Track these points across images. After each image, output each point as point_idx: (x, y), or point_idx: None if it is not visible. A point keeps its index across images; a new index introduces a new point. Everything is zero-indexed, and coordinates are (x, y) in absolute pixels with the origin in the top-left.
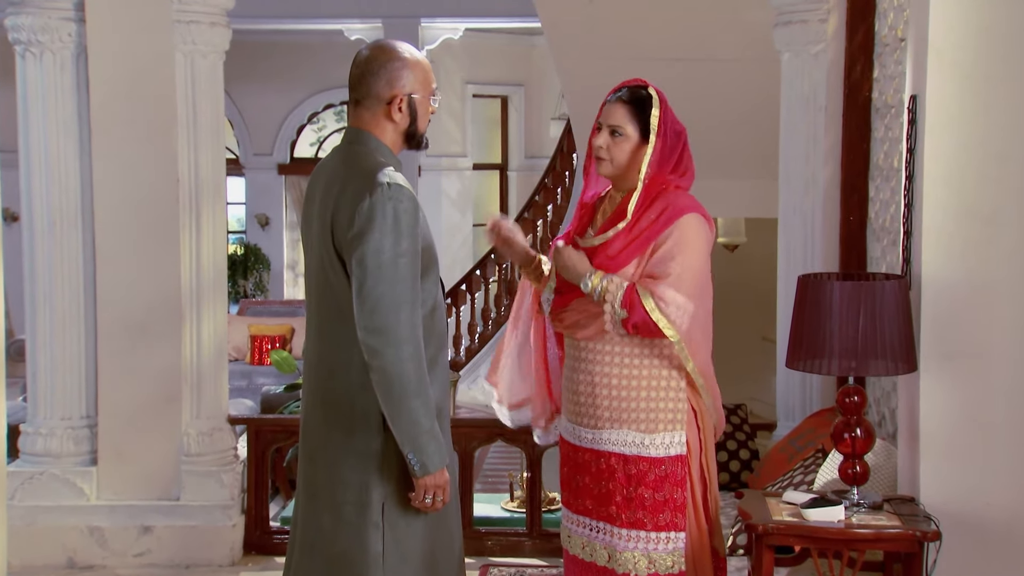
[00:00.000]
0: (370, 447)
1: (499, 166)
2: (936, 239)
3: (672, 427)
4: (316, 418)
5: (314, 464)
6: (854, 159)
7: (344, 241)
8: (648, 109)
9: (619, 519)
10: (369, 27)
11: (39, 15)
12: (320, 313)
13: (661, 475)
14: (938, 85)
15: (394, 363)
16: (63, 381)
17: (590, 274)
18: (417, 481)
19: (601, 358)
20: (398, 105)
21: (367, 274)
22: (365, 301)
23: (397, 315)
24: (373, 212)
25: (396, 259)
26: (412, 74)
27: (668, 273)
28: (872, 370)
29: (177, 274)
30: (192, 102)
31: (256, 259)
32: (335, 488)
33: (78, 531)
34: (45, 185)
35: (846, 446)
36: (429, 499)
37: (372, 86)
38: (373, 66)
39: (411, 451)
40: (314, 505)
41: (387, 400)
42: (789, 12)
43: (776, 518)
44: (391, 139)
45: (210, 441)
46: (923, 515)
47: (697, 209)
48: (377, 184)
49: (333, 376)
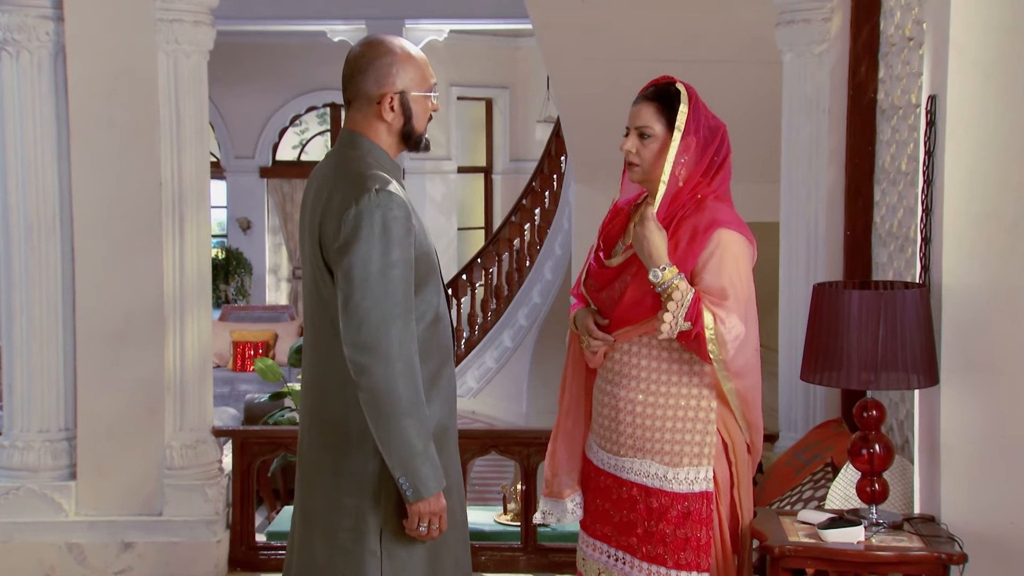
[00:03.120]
0: (366, 470)
1: (484, 169)
2: (956, 246)
3: (698, 461)
4: (311, 440)
5: (309, 488)
6: (859, 162)
7: (331, 252)
8: (677, 106)
9: (639, 551)
10: (352, 28)
11: (15, 13)
12: (314, 329)
13: (683, 512)
14: (959, 85)
15: (383, 381)
16: (40, 392)
17: (666, 266)
18: (410, 507)
19: (627, 382)
20: (389, 104)
21: (353, 287)
22: (351, 316)
23: (387, 330)
24: (359, 221)
25: (385, 270)
26: (404, 70)
27: (725, 294)
28: (892, 383)
29: (159, 281)
30: (175, 103)
31: (238, 263)
32: (331, 513)
33: (56, 548)
34: (22, 189)
35: (864, 462)
36: (424, 527)
37: (361, 85)
38: (362, 63)
39: (402, 475)
40: (310, 531)
41: (375, 420)
42: (791, 11)
43: (792, 539)
44: (386, 141)
45: (194, 454)
46: (946, 536)
47: (734, 223)
48: (364, 191)
49: (327, 395)
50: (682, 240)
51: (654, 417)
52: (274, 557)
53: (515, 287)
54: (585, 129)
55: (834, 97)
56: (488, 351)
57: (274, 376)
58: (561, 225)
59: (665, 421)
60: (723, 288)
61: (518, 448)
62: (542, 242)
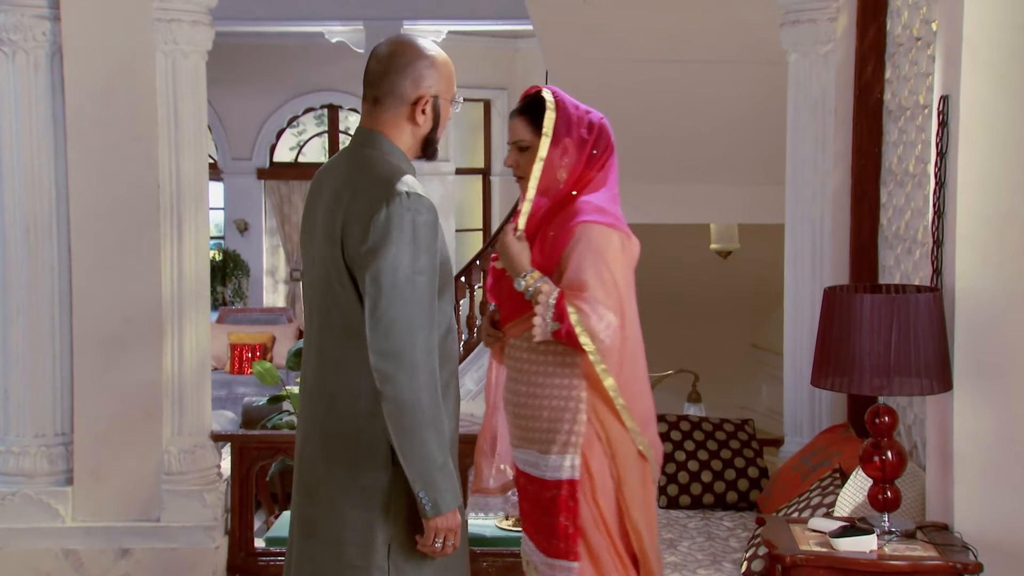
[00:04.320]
0: (377, 483)
1: (482, 171)
2: (970, 249)
3: (565, 449)
4: (315, 450)
5: (313, 501)
6: (865, 164)
7: (356, 255)
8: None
9: (534, 539)
10: (350, 29)
11: (11, 12)
12: (323, 333)
13: (551, 499)
14: (972, 85)
15: (408, 391)
16: (36, 396)
17: (527, 273)
18: (427, 523)
19: (515, 375)
20: (423, 107)
21: (381, 293)
22: (379, 322)
23: (412, 338)
24: (390, 224)
25: (413, 277)
26: (440, 75)
27: (584, 285)
28: (904, 389)
29: (158, 284)
30: (173, 104)
31: (235, 265)
32: (337, 527)
33: (52, 555)
34: (18, 191)
35: (875, 469)
36: (439, 543)
37: (397, 84)
38: (399, 62)
39: (422, 488)
40: (312, 545)
41: (399, 431)
42: (797, 11)
43: (804, 548)
44: (407, 144)
45: (192, 459)
46: (960, 544)
47: (599, 217)
48: (395, 193)
49: (336, 403)
50: (549, 238)
51: (531, 407)
52: (273, 563)
53: None
54: None
55: (840, 98)
56: (487, 354)
57: (272, 379)
58: None
59: (541, 411)
60: (584, 281)
61: None
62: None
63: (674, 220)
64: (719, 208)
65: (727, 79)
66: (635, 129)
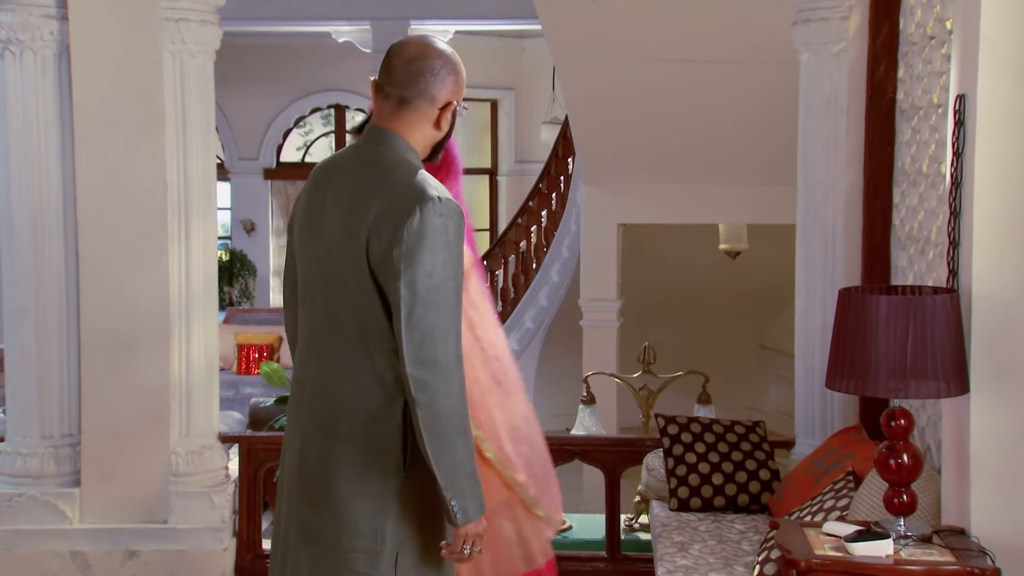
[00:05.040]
0: (387, 489)
1: (489, 171)
2: (986, 250)
3: None
4: (321, 454)
5: (316, 507)
6: (878, 163)
7: (385, 260)
8: None
9: None
10: (357, 29)
11: (19, 12)
12: (330, 333)
13: None
14: (990, 83)
15: (444, 397)
16: (44, 397)
17: None
18: (458, 530)
19: None
20: (450, 112)
21: (417, 299)
22: (415, 330)
23: (447, 345)
24: (424, 229)
25: (446, 282)
26: (462, 82)
27: None
28: (921, 392)
29: (165, 284)
30: (181, 104)
31: (242, 266)
32: (343, 534)
33: (60, 557)
34: (25, 192)
35: (891, 473)
36: (468, 549)
37: (431, 86)
38: (435, 65)
39: (454, 496)
40: (314, 551)
41: (434, 439)
42: (809, 10)
43: (819, 552)
44: (422, 146)
45: (200, 460)
46: (977, 549)
47: None
48: (428, 198)
49: (344, 407)
50: None
51: None
52: None
53: (521, 290)
54: (594, 131)
55: (852, 97)
56: None
57: (280, 380)
58: (568, 227)
59: None
60: None
61: None
62: (549, 244)
63: (683, 220)
64: (728, 208)
65: (736, 79)
66: (644, 129)
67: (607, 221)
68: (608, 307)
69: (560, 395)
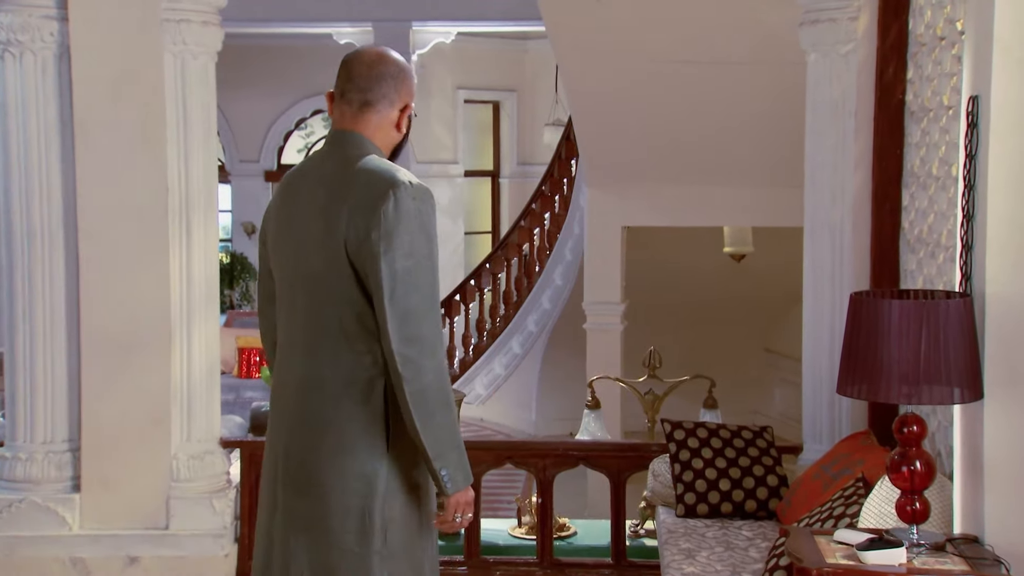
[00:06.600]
0: (373, 469)
1: (491, 173)
2: (1000, 253)
3: None
4: (305, 443)
5: (304, 494)
6: (887, 166)
7: (363, 246)
8: None
9: None
10: (359, 31)
11: (19, 13)
12: (311, 331)
13: None
14: (1003, 85)
15: (430, 372)
16: (44, 402)
17: None
18: (448, 499)
19: None
20: (408, 115)
21: (398, 279)
22: (397, 308)
23: (430, 321)
24: (400, 212)
25: (424, 261)
26: (413, 87)
27: None
28: (934, 398)
29: (166, 287)
30: (182, 106)
31: (243, 268)
32: (333, 516)
33: (60, 563)
34: (25, 194)
35: (904, 480)
36: (459, 517)
37: (391, 89)
38: (393, 69)
39: (443, 466)
40: (305, 538)
41: (421, 413)
42: (817, 10)
43: (830, 561)
44: (384, 147)
45: (201, 465)
46: (991, 557)
47: None
48: (400, 183)
49: (329, 394)
50: None
51: None
52: None
53: (524, 292)
54: (598, 132)
55: (861, 99)
56: (497, 357)
57: None
58: (572, 230)
59: None
60: None
61: (534, 460)
62: (552, 247)
63: (687, 223)
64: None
65: (742, 80)
66: (648, 131)
67: (611, 223)
68: (612, 310)
69: (564, 399)
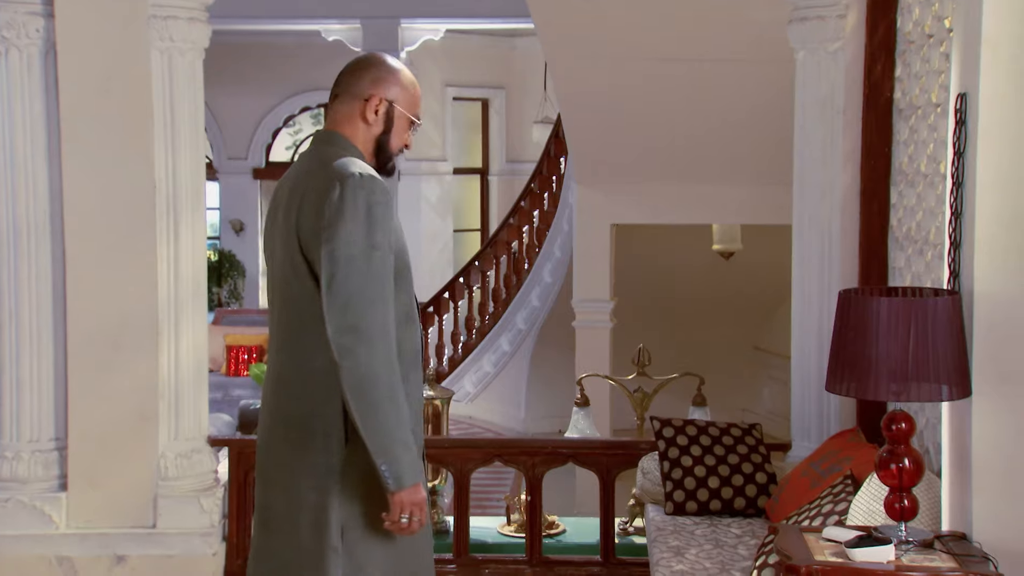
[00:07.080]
0: (329, 464)
1: (480, 170)
2: (988, 251)
3: None
4: (271, 436)
5: (271, 487)
6: (875, 164)
7: (311, 237)
8: None
9: None
10: (347, 28)
11: (4, 9)
12: (281, 326)
13: None
14: (991, 82)
15: (366, 363)
16: (30, 401)
17: None
18: (392, 497)
19: None
20: (375, 106)
21: (338, 267)
22: (336, 297)
23: (370, 312)
24: (343, 202)
25: (369, 252)
26: (400, 86)
27: None
28: (922, 395)
29: (153, 285)
30: (169, 103)
31: (231, 266)
32: (290, 511)
33: (46, 562)
34: (10, 191)
35: (892, 477)
36: (405, 518)
37: (354, 83)
38: (362, 65)
39: (383, 462)
40: (269, 535)
41: (358, 403)
42: (805, 8)
43: (819, 558)
44: (362, 142)
45: (189, 464)
46: (980, 554)
47: None
48: (348, 174)
49: (291, 388)
50: None
51: None
52: None
53: (513, 290)
54: (587, 130)
55: (849, 96)
56: (486, 355)
57: None
58: (561, 227)
59: None
60: None
61: (523, 457)
62: (541, 244)
63: (676, 221)
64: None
65: (731, 77)
66: (637, 128)
67: (600, 221)
68: (601, 308)
69: (552, 397)
